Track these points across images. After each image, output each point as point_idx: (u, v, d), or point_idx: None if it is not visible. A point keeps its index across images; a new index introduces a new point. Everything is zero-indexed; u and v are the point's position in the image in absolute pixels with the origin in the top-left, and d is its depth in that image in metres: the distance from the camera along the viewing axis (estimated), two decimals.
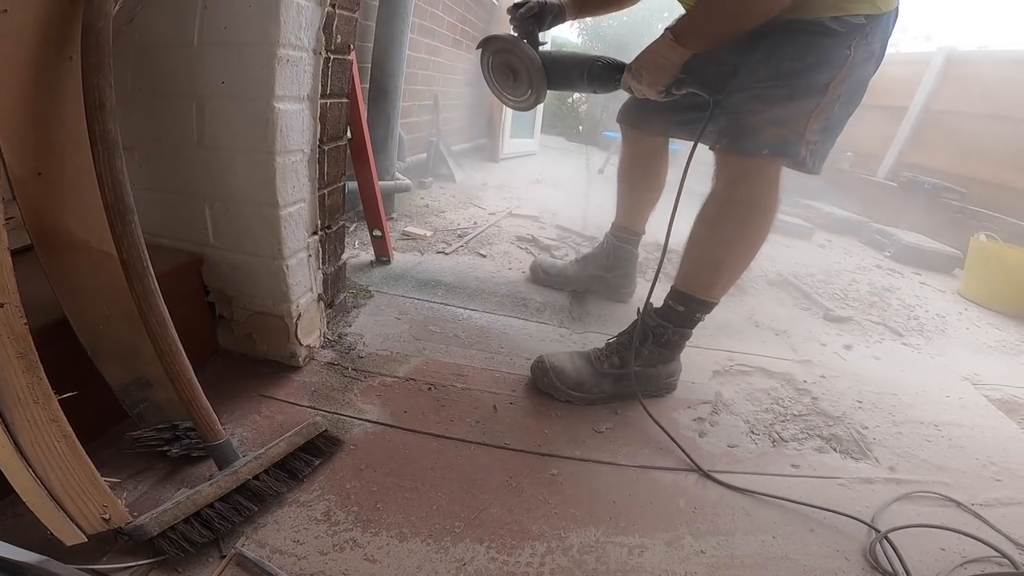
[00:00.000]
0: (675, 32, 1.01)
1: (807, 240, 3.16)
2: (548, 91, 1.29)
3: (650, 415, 1.12)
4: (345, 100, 1.16)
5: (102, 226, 0.75)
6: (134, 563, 0.67)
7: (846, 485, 1.05)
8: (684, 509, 0.92)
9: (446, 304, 1.49)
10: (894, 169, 4.83)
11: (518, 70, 1.29)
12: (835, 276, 2.45)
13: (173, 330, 0.76)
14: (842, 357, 1.63)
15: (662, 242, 1.20)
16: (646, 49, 1.07)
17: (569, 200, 2.92)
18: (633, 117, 1.48)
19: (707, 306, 1.15)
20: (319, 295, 1.20)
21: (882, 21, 1.02)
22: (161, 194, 1.05)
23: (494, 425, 1.05)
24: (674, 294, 1.17)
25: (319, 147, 1.08)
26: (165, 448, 0.84)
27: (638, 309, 1.20)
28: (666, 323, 1.17)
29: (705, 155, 1.13)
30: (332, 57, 1.06)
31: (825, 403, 1.33)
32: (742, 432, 1.17)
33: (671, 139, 1.49)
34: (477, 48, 1.35)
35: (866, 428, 1.26)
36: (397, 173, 2.05)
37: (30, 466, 0.63)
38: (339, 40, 1.07)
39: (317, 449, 0.89)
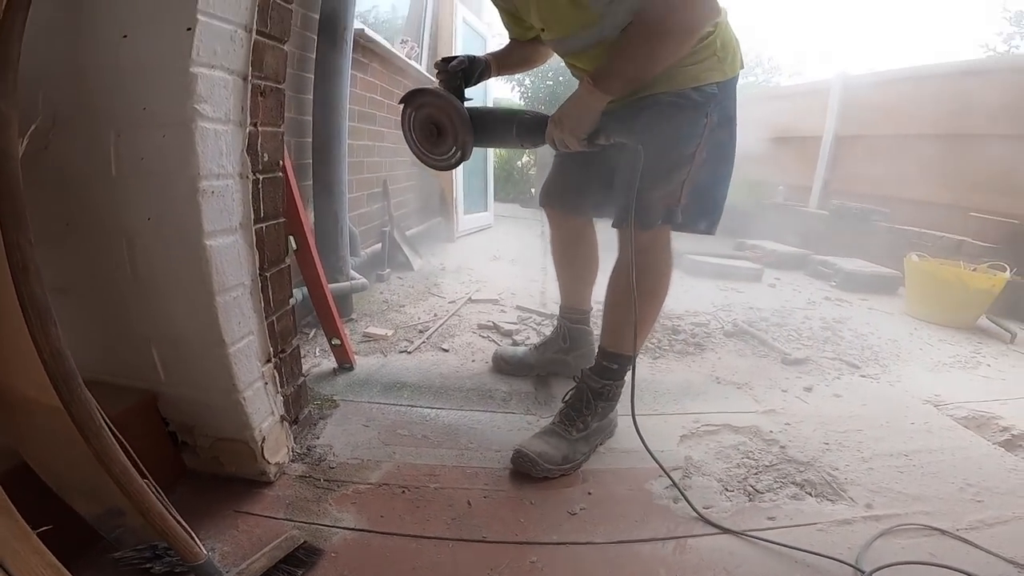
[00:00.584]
0: (594, 78, 1.09)
1: (757, 282, 3.31)
2: (474, 147, 1.28)
3: (645, 447, 1.13)
4: (282, 220, 1.17)
5: (45, 380, 0.74)
6: None
7: (825, 530, 1.08)
8: None
9: (413, 406, 1.50)
10: (823, 197, 5.15)
11: (443, 125, 1.26)
12: (788, 315, 2.56)
13: (137, 476, 0.76)
14: (804, 400, 1.69)
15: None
16: (566, 101, 1.15)
17: (527, 275, 3.00)
18: (554, 199, 1.56)
19: (632, 359, 1.27)
20: (281, 416, 1.19)
21: (731, 84, 1.21)
22: (105, 335, 1.03)
23: (470, 520, 1.05)
24: (605, 355, 1.32)
25: (260, 275, 1.09)
26: (148, 566, 0.84)
27: (574, 377, 1.37)
28: (607, 381, 1.31)
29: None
30: (261, 178, 1.06)
31: (793, 450, 1.37)
32: (716, 492, 1.19)
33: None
34: (400, 103, 1.32)
35: (836, 469, 1.29)
36: (352, 272, 2.08)
37: None
38: (266, 158, 1.08)
39: (298, 560, 0.89)
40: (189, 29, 0.86)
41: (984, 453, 1.40)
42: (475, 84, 1.37)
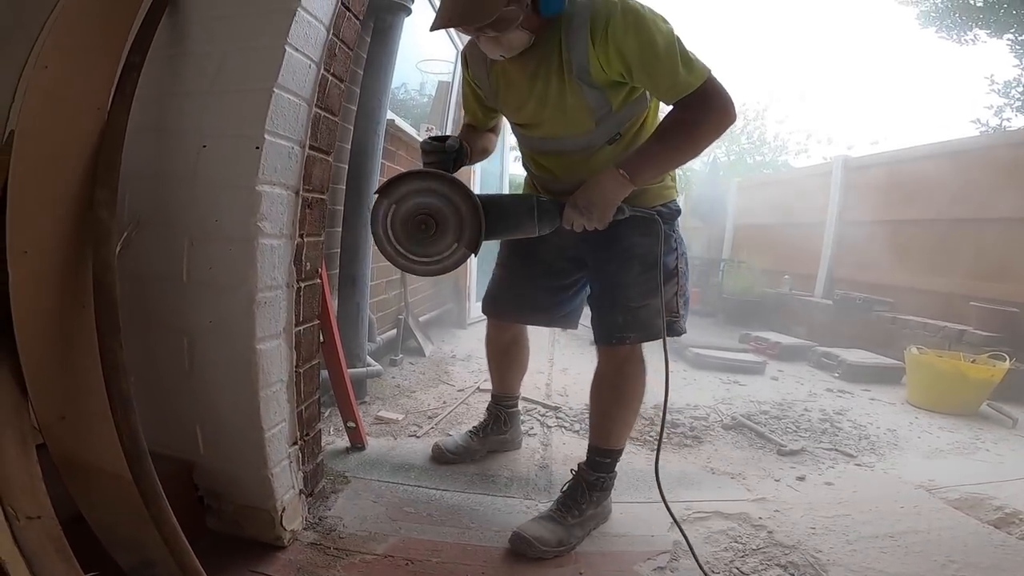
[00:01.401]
0: (628, 171, 1.14)
1: (760, 374, 3.37)
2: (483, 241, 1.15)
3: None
4: (316, 323, 1.33)
5: (115, 455, 0.87)
6: None
7: None
8: None
9: (419, 486, 1.59)
10: (827, 286, 5.15)
11: (442, 217, 1.14)
12: (788, 408, 2.62)
13: (184, 538, 0.87)
14: (795, 489, 1.74)
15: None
16: (591, 188, 1.17)
17: (534, 366, 3.10)
18: (501, 310, 1.68)
19: (621, 452, 1.46)
20: (300, 489, 1.31)
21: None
22: (155, 412, 1.12)
23: None
24: (596, 451, 1.45)
25: (295, 371, 1.23)
26: None
27: (572, 470, 1.48)
28: (601, 473, 1.43)
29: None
30: (303, 286, 1.22)
31: (780, 535, 1.42)
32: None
33: None
34: (376, 194, 1.16)
35: (820, 552, 1.35)
36: (368, 358, 2.23)
37: None
38: (308, 267, 1.23)
39: None
40: (258, 148, 1.01)
41: (972, 531, 1.44)
42: (455, 171, 1.31)
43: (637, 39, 1.09)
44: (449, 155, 1.27)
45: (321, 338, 1.59)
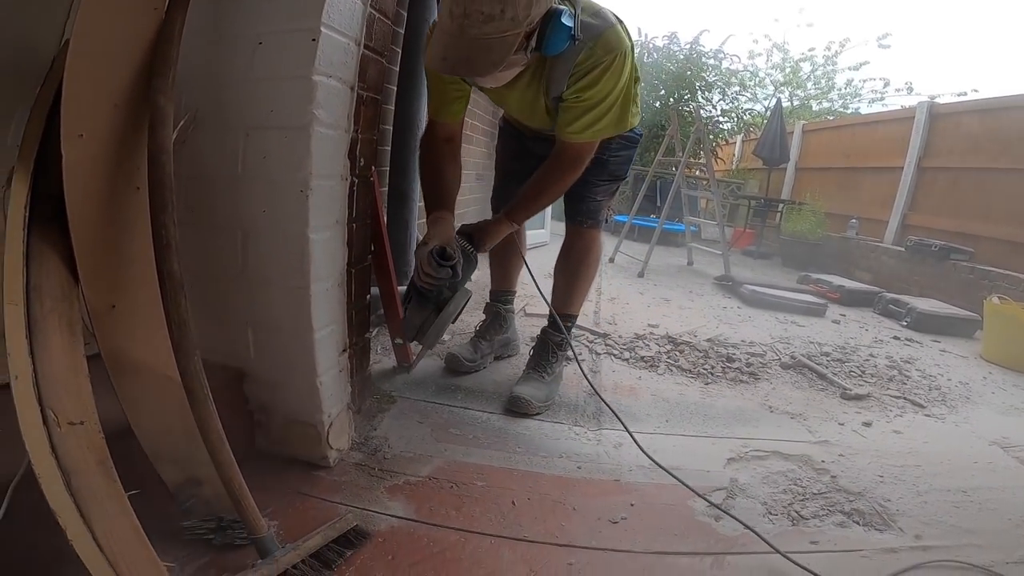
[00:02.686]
0: (511, 216, 1.47)
1: (820, 317, 3.20)
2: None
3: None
4: (369, 221, 1.29)
5: (166, 353, 0.85)
6: None
7: (869, 556, 1.07)
8: None
9: (466, 408, 1.57)
10: (899, 233, 4.86)
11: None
12: (851, 353, 2.47)
13: (227, 445, 0.85)
14: (861, 435, 1.64)
15: None
16: (487, 230, 1.46)
17: None
18: (502, 204, 1.76)
19: (576, 318, 1.79)
20: (348, 404, 1.30)
21: None
22: (207, 316, 1.13)
23: (513, 519, 1.10)
24: (562, 316, 1.68)
25: (348, 270, 1.21)
26: (210, 537, 0.93)
27: (543, 329, 1.75)
28: (564, 335, 1.68)
29: None
30: (356, 181, 1.19)
31: (845, 480, 1.34)
32: (759, 514, 1.19)
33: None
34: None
35: (888, 500, 1.27)
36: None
37: (104, 553, 0.70)
38: (362, 163, 1.20)
39: (348, 542, 0.96)
40: (314, 40, 0.98)
41: None
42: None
43: (596, 93, 1.28)
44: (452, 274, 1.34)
45: (372, 247, 1.56)
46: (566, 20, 1.12)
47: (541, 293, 1.71)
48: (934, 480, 1.38)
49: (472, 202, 3.53)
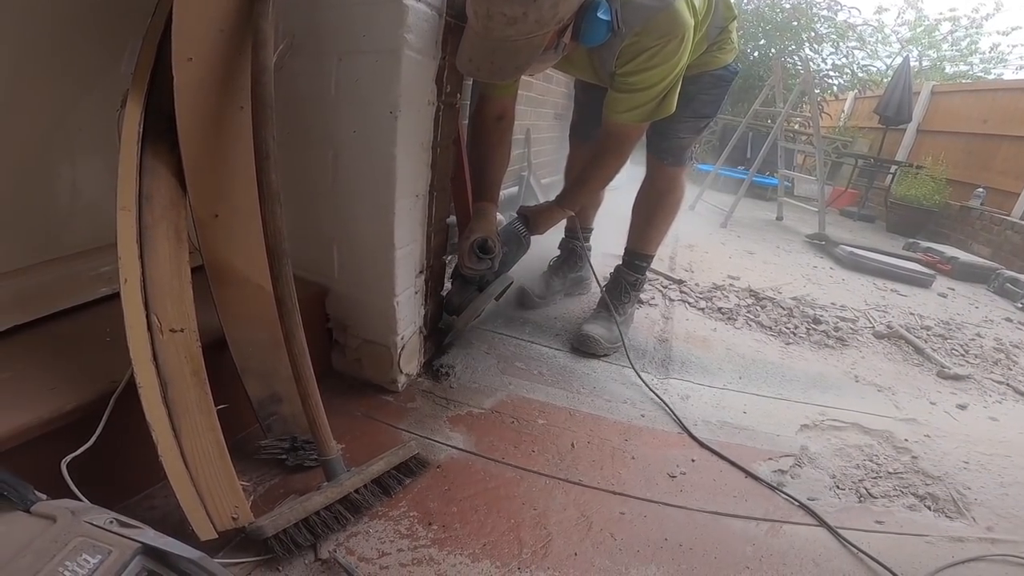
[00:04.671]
0: (563, 202, 1.50)
1: (926, 288, 2.91)
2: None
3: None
4: (451, 146, 1.29)
5: (261, 263, 0.90)
6: (245, 559, 0.78)
7: (933, 542, 1.01)
8: (750, 556, 0.93)
9: (533, 342, 1.58)
10: None
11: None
12: (956, 330, 2.24)
13: (309, 359, 0.90)
14: (953, 417, 1.51)
15: None
16: (542, 215, 1.52)
17: None
18: (579, 132, 1.82)
19: (652, 258, 1.74)
20: (420, 328, 1.33)
21: None
22: (299, 231, 1.16)
23: (571, 462, 1.11)
24: (635, 255, 1.68)
25: (429, 192, 1.23)
26: (283, 457, 0.99)
27: (608, 273, 1.74)
28: (639, 275, 1.69)
29: None
30: (442, 106, 1.18)
31: (926, 462, 1.26)
32: (825, 486, 1.14)
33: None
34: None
35: (968, 488, 1.18)
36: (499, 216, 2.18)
37: (188, 469, 0.76)
38: (448, 89, 1.20)
39: (408, 469, 0.99)
40: None
41: None
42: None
43: (643, 80, 1.23)
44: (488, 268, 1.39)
45: (452, 173, 1.55)
46: (602, 15, 1.08)
47: (596, 277, 1.69)
48: (1020, 473, 1.27)
49: (548, 140, 3.44)
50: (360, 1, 1.00)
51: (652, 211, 1.64)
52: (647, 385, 1.41)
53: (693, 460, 1.17)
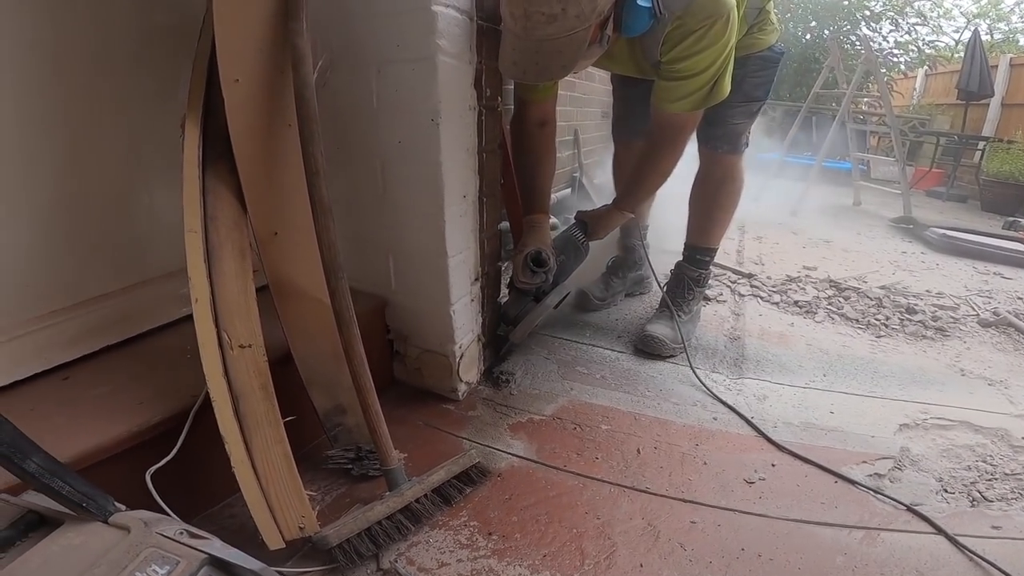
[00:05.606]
0: (621, 205, 1.46)
1: None
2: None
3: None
4: (498, 151, 1.28)
5: (319, 278, 0.92)
6: (311, 568, 0.79)
7: None
8: (842, 567, 0.84)
9: (594, 345, 1.54)
10: None
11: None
12: None
13: (368, 370, 0.90)
14: None
15: None
16: (600, 220, 1.47)
17: None
18: (623, 131, 1.75)
19: (716, 251, 1.63)
20: (478, 336, 1.33)
21: None
22: (356, 244, 1.22)
23: (637, 468, 1.06)
24: (697, 249, 1.60)
25: (479, 197, 1.22)
26: (349, 467, 1.00)
27: (669, 270, 1.66)
28: (702, 270, 1.60)
29: None
30: (484, 110, 1.18)
31: None
32: (931, 490, 1.02)
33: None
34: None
35: None
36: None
37: (259, 480, 0.78)
38: (488, 93, 1.19)
39: (469, 478, 0.98)
40: None
41: None
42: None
43: (691, 66, 1.17)
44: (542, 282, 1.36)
45: (501, 179, 1.55)
46: (642, 1, 1.04)
47: (655, 276, 1.62)
48: None
49: (598, 140, 3.40)
50: (392, 12, 1.02)
51: (710, 203, 1.55)
52: (703, 384, 1.33)
53: (773, 465, 1.08)
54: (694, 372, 1.38)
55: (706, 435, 1.16)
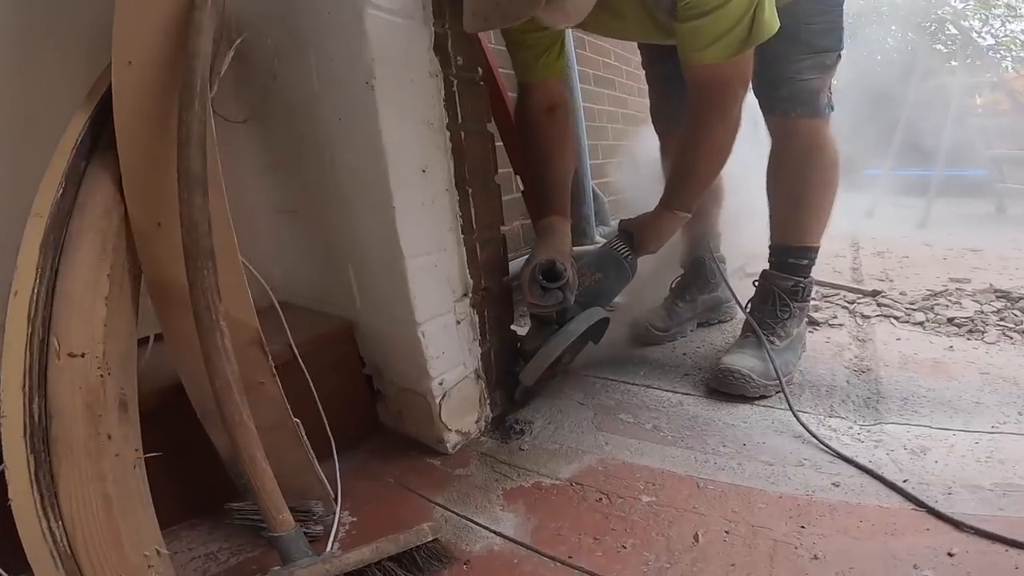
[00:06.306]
0: (670, 203, 1.07)
1: None
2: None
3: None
4: (488, 133, 1.01)
5: (224, 283, 0.69)
6: None
7: None
8: None
9: (648, 386, 1.12)
10: None
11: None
12: None
13: (241, 396, 0.63)
14: None
15: None
16: (649, 229, 1.11)
17: (829, 249, 2.22)
18: (665, 122, 1.40)
19: (816, 252, 1.19)
20: (476, 372, 0.99)
21: None
22: (318, 257, 1.03)
23: (690, 567, 0.63)
24: (786, 250, 1.18)
25: (458, 186, 0.94)
26: (262, 526, 0.71)
27: (753, 282, 1.22)
28: (798, 277, 1.16)
29: None
30: (455, 81, 0.93)
31: None
32: None
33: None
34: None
35: None
36: (598, 238, 1.82)
37: (60, 518, 0.55)
38: (461, 62, 0.95)
39: (413, 563, 0.65)
40: None
41: None
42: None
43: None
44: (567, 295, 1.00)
45: (521, 185, 1.26)
46: None
47: (733, 293, 1.27)
48: None
49: (657, 160, 3.07)
50: None
51: (797, 184, 1.14)
52: (814, 435, 0.87)
53: (951, 554, 0.60)
54: (797, 418, 0.91)
55: (819, 511, 0.70)
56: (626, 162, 2.46)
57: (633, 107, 2.71)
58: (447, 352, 0.92)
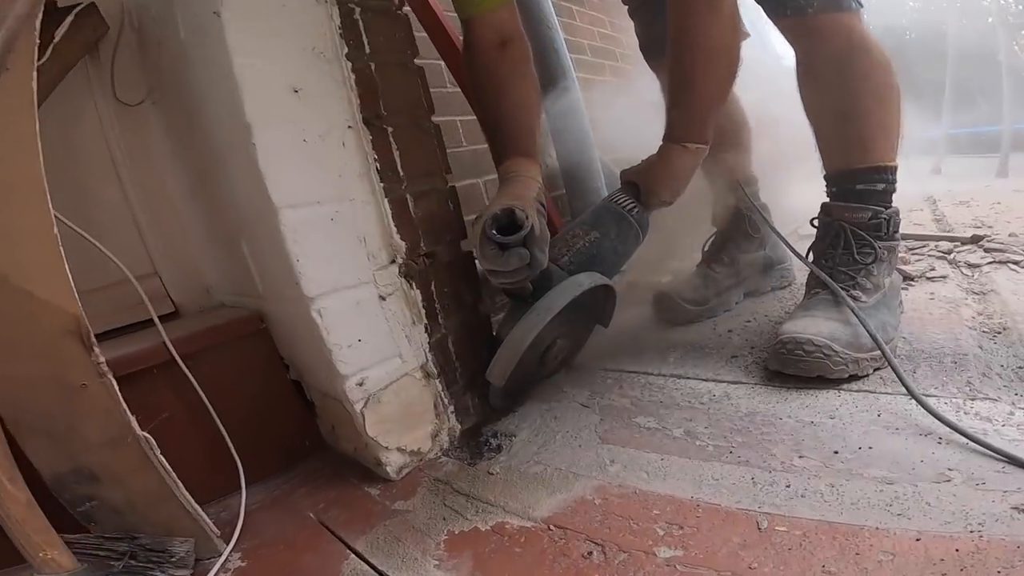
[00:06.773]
0: (681, 134, 0.84)
1: None
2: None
3: None
4: (415, 66, 0.78)
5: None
6: None
7: None
8: None
9: (679, 376, 0.80)
10: None
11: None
12: None
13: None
14: None
15: None
16: (657, 173, 0.86)
17: (903, 204, 1.83)
18: (660, 51, 0.99)
19: (895, 172, 0.86)
20: (423, 367, 0.71)
21: None
22: (220, 243, 0.83)
23: None
24: (846, 177, 0.86)
25: (370, 124, 0.69)
26: (114, 564, 0.56)
27: (812, 222, 0.89)
28: (874, 206, 0.83)
29: None
30: (358, 8, 0.73)
31: None
32: None
33: None
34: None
35: None
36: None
37: None
38: None
39: None
40: None
41: None
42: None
43: None
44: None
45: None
46: None
47: (785, 242, 0.97)
48: None
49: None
50: None
51: (841, 97, 0.85)
52: (948, 424, 0.54)
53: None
54: (923, 403, 0.58)
55: (998, 562, 0.37)
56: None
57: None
58: (366, 339, 0.65)
